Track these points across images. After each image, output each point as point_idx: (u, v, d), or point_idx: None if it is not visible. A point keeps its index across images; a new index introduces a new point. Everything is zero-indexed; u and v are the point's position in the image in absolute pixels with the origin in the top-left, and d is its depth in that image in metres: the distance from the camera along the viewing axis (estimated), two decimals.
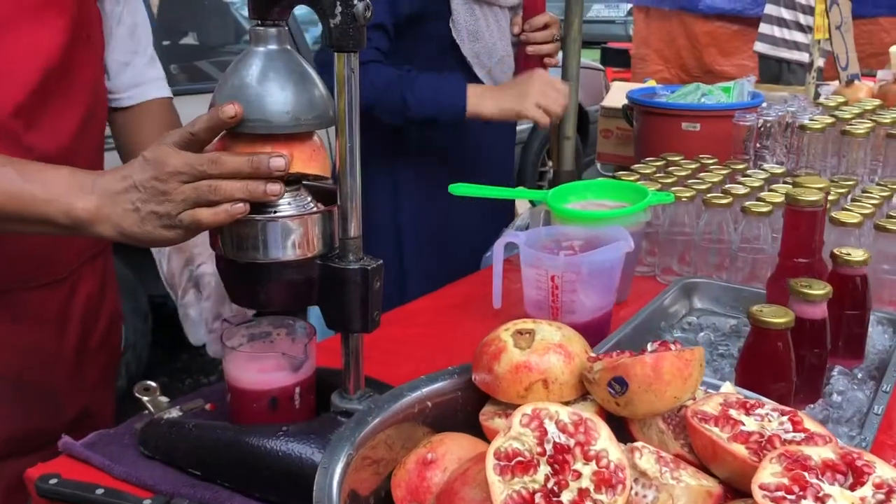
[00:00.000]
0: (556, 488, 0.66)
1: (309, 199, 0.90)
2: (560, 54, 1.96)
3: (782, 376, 1.00)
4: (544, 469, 0.68)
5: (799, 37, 4.67)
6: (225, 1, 4.04)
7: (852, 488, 0.64)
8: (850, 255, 1.19)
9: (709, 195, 1.51)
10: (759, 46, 4.88)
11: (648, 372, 0.76)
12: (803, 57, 4.61)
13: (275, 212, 0.87)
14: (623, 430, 0.80)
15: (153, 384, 1.11)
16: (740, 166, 1.73)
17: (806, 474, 0.65)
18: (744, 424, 0.75)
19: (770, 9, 4.80)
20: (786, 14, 4.73)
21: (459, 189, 1.53)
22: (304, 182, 0.92)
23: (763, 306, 1.02)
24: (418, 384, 0.87)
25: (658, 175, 1.65)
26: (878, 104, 1.99)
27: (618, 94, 3.47)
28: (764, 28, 4.83)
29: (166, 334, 3.47)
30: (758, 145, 1.89)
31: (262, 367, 0.96)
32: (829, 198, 1.42)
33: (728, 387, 0.84)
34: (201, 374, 3.42)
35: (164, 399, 1.11)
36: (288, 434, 0.90)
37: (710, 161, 1.77)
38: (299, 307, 0.92)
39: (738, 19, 5.48)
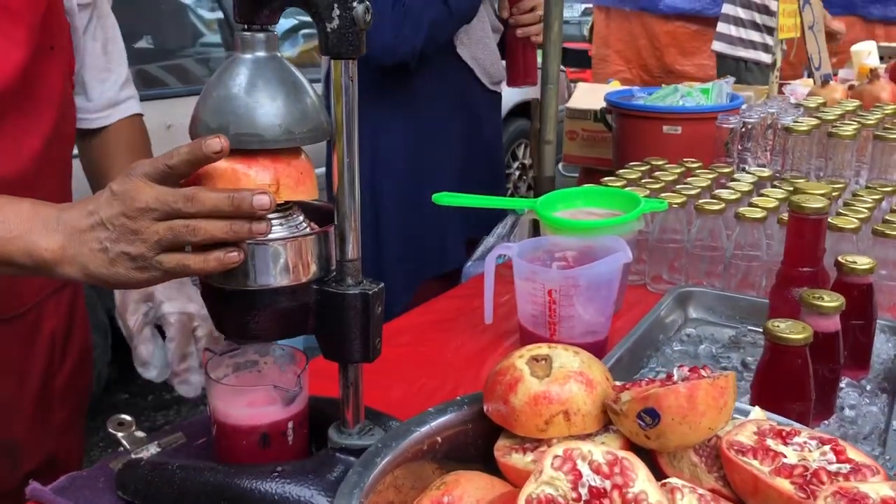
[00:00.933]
0: None
1: (301, 218, 0.83)
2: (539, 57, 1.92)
3: (802, 395, 0.95)
4: None
5: (755, 36, 4.69)
6: (182, 2, 3.91)
7: None
8: (856, 262, 1.15)
9: (700, 201, 1.46)
10: (717, 45, 4.90)
11: (682, 402, 0.70)
12: (759, 56, 4.63)
13: None
14: (649, 463, 0.74)
15: (128, 418, 1.02)
16: (726, 170, 1.70)
17: None
18: (785, 456, 0.70)
19: (727, 8, 4.82)
20: (742, 13, 4.75)
21: (443, 199, 1.46)
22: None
23: (779, 321, 0.97)
24: (426, 418, 0.81)
25: (645, 180, 1.61)
26: (857, 104, 1.97)
27: (583, 96, 3.43)
28: (721, 27, 4.85)
29: (126, 350, 3.35)
30: (739, 147, 1.85)
31: (251, 401, 0.88)
32: None
33: (758, 412, 0.79)
34: (164, 390, 3.29)
35: (140, 434, 1.02)
36: (283, 475, 0.82)
37: (695, 165, 1.73)
38: (292, 336, 0.84)
39: (697, 19, 5.49)
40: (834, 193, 1.50)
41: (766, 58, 4.42)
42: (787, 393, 0.96)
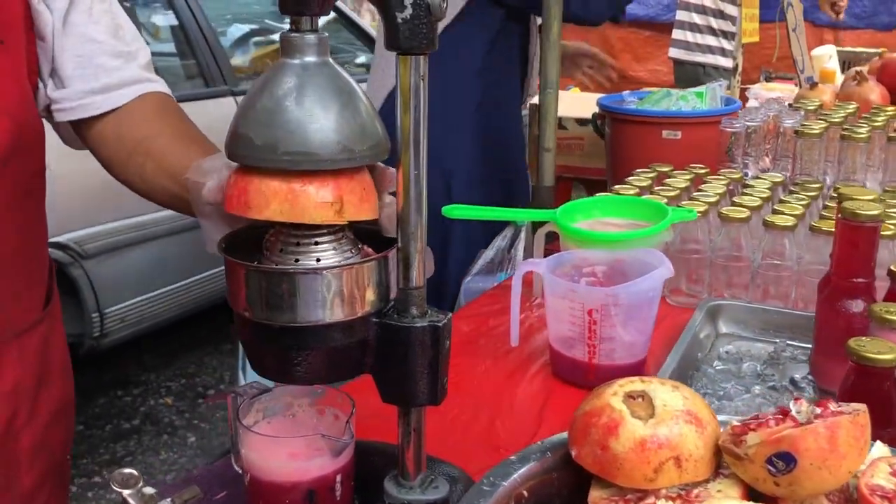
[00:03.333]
0: None
1: (354, 241, 0.72)
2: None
3: (891, 420, 0.87)
4: None
5: (712, 41, 4.71)
6: (130, 7, 3.71)
7: None
8: None
9: (724, 209, 1.39)
10: (674, 52, 4.90)
11: (823, 444, 0.62)
12: (718, 60, 4.65)
13: (317, 260, 0.69)
14: None
15: (134, 472, 0.89)
16: (735, 176, 1.63)
17: None
18: None
19: (682, 15, 4.84)
20: (698, 19, 4.77)
21: (454, 211, 1.36)
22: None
23: (861, 340, 0.90)
24: (508, 469, 0.70)
25: (660, 188, 1.53)
26: (856, 107, 1.94)
27: None
28: (677, 34, 4.86)
29: (81, 376, 3.15)
30: (743, 152, 1.79)
31: (292, 453, 0.77)
32: None
33: (881, 448, 0.71)
34: (122, 419, 3.10)
35: (150, 491, 0.89)
36: None
37: (703, 171, 1.66)
38: (346, 379, 0.73)
39: (650, 25, 5.52)
40: None
41: (724, 62, 4.43)
42: (875, 419, 0.87)
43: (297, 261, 0.68)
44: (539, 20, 1.87)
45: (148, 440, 2.96)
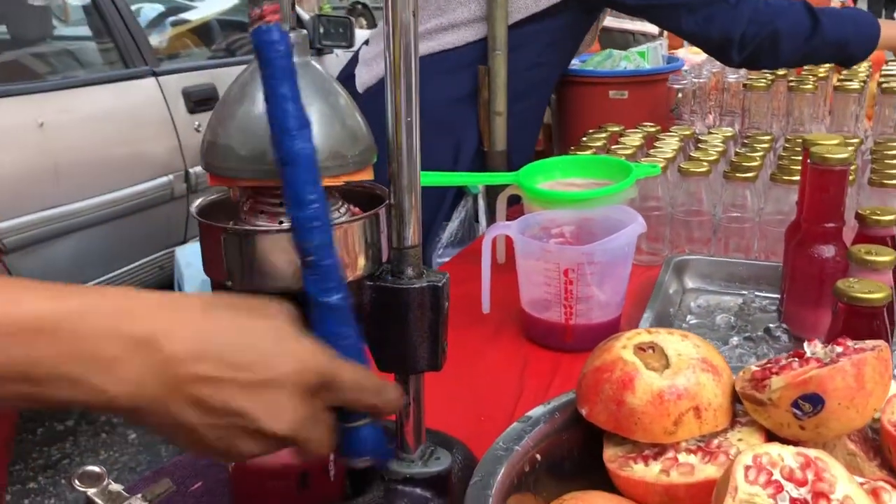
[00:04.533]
0: None
1: (340, 201, 0.66)
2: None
3: None
4: None
5: None
6: None
7: None
8: (879, 214, 1.08)
9: (684, 164, 1.38)
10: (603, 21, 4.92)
11: (850, 383, 0.59)
12: (645, 26, 4.68)
13: None
14: None
15: (98, 470, 0.82)
16: (688, 132, 1.62)
17: None
18: None
19: None
20: None
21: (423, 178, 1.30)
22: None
23: (851, 281, 0.89)
24: (520, 433, 0.66)
25: (616, 147, 1.51)
26: None
27: None
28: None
29: None
30: (690, 109, 1.79)
31: None
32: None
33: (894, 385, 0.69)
34: (55, 420, 2.95)
35: (116, 488, 0.82)
36: None
37: (654, 129, 1.65)
38: None
39: None
40: None
41: (651, 28, 4.46)
42: None
43: (281, 222, 0.63)
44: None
45: (85, 441, 2.83)
